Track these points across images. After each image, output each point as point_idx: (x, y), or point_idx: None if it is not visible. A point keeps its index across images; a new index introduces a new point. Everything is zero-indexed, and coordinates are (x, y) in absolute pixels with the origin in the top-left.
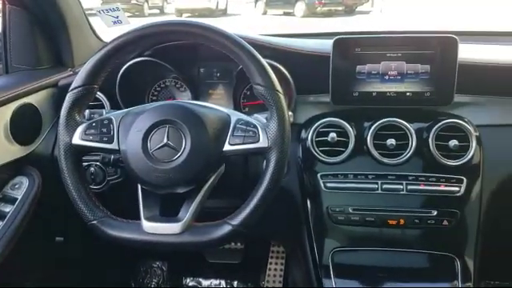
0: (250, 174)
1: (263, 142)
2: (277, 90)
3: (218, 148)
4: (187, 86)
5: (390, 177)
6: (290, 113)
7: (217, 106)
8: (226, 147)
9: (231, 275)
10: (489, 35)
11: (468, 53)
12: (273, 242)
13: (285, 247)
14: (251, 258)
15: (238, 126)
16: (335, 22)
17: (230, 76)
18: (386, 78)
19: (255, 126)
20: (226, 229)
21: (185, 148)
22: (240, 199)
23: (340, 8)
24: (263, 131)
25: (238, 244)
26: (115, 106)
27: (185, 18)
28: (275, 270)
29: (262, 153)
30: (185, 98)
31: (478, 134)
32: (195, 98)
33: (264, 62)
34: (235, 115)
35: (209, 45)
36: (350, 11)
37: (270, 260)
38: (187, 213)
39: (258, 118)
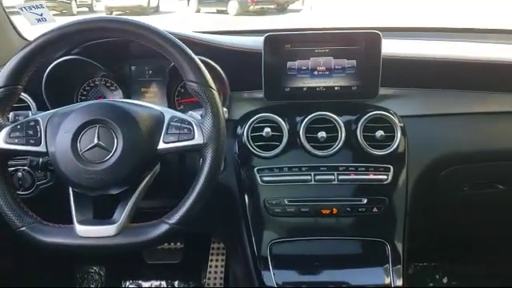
0: (187, 171)
1: (198, 139)
2: (210, 87)
3: (151, 147)
4: (118, 84)
5: (322, 168)
6: (225, 109)
7: (149, 103)
8: (161, 145)
9: (172, 275)
10: (411, 31)
11: (392, 48)
12: (213, 238)
13: (225, 243)
14: (191, 257)
15: (172, 123)
16: (268, 20)
17: (162, 73)
18: (316, 73)
19: (190, 123)
20: (163, 228)
21: (117, 148)
22: (178, 198)
23: (272, 6)
24: (198, 128)
25: (178, 243)
26: (42, 107)
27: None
28: (216, 266)
29: (197, 150)
30: (116, 98)
31: (402, 124)
32: (127, 96)
33: (196, 58)
34: (169, 113)
35: (139, 42)
36: (281, 9)
37: (210, 257)
38: (122, 214)
39: (193, 115)
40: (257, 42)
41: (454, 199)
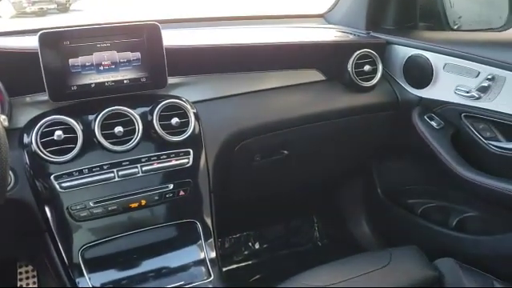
0: None
1: None
2: None
3: None
4: None
5: (124, 163)
6: (4, 117)
7: None
8: None
9: None
10: (191, 21)
11: (176, 38)
12: (18, 263)
13: (33, 264)
14: None
15: None
16: (49, 20)
17: None
18: (101, 68)
19: None
20: None
21: None
22: None
23: (52, 6)
24: None
25: None
26: None
27: None
28: None
29: None
30: None
31: (195, 110)
32: None
33: None
34: None
35: None
36: (63, 9)
37: (19, 283)
38: None
39: None
40: (32, 42)
41: (249, 170)
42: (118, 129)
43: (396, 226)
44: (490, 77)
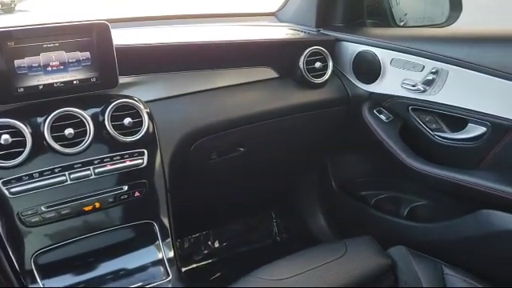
0: None
1: None
2: None
3: None
4: None
5: (76, 166)
6: None
7: None
8: None
9: None
10: (141, 20)
11: (127, 37)
12: None
13: None
14: None
15: None
16: None
17: None
18: (49, 69)
19: None
20: None
21: None
22: None
23: None
24: None
25: None
26: None
27: None
28: None
29: None
30: None
31: (148, 109)
32: None
33: None
34: None
35: None
36: (8, 9)
37: None
38: None
39: None
40: None
41: (206, 169)
42: (69, 131)
43: (351, 217)
44: (434, 70)
